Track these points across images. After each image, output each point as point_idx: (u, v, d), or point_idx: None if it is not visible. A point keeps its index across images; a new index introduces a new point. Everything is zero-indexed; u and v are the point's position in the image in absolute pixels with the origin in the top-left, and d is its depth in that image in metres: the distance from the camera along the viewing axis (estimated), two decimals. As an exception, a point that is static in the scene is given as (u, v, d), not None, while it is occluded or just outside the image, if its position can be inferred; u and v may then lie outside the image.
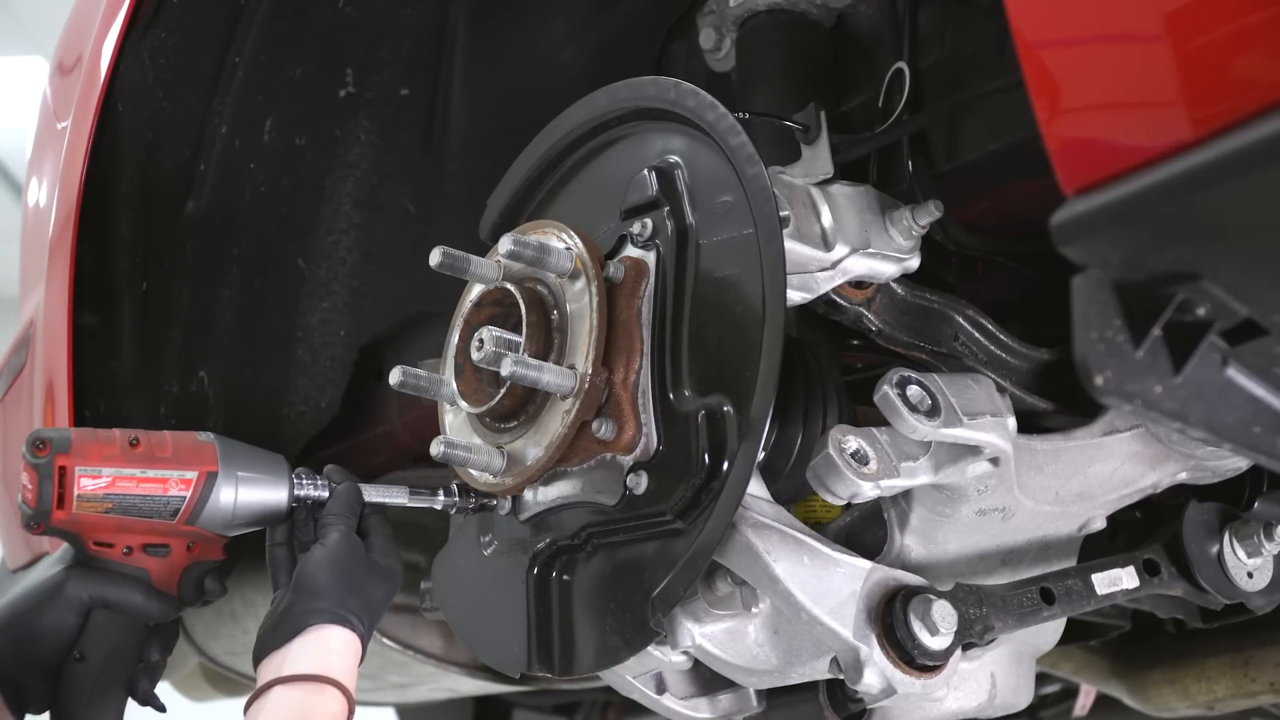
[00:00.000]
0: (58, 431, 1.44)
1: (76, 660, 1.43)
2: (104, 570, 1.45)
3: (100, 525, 1.43)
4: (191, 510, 1.44)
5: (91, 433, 1.45)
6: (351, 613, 1.41)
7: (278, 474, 1.49)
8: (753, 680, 1.45)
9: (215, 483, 1.45)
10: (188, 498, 1.44)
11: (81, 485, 1.41)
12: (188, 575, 1.48)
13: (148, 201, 2.13)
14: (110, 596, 1.44)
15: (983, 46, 1.64)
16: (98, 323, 2.09)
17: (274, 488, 1.48)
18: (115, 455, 1.43)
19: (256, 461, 1.49)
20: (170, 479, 1.43)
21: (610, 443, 1.42)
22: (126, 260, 2.13)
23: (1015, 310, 1.67)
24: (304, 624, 1.38)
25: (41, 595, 1.44)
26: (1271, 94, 0.87)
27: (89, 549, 1.45)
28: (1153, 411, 1.02)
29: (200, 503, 1.44)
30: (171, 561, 1.47)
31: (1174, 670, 2.17)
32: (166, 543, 1.46)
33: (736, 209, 1.40)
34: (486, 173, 1.74)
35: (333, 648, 1.38)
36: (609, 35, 2.15)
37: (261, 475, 1.48)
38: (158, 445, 1.45)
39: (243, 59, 2.08)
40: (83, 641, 1.44)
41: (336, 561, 1.44)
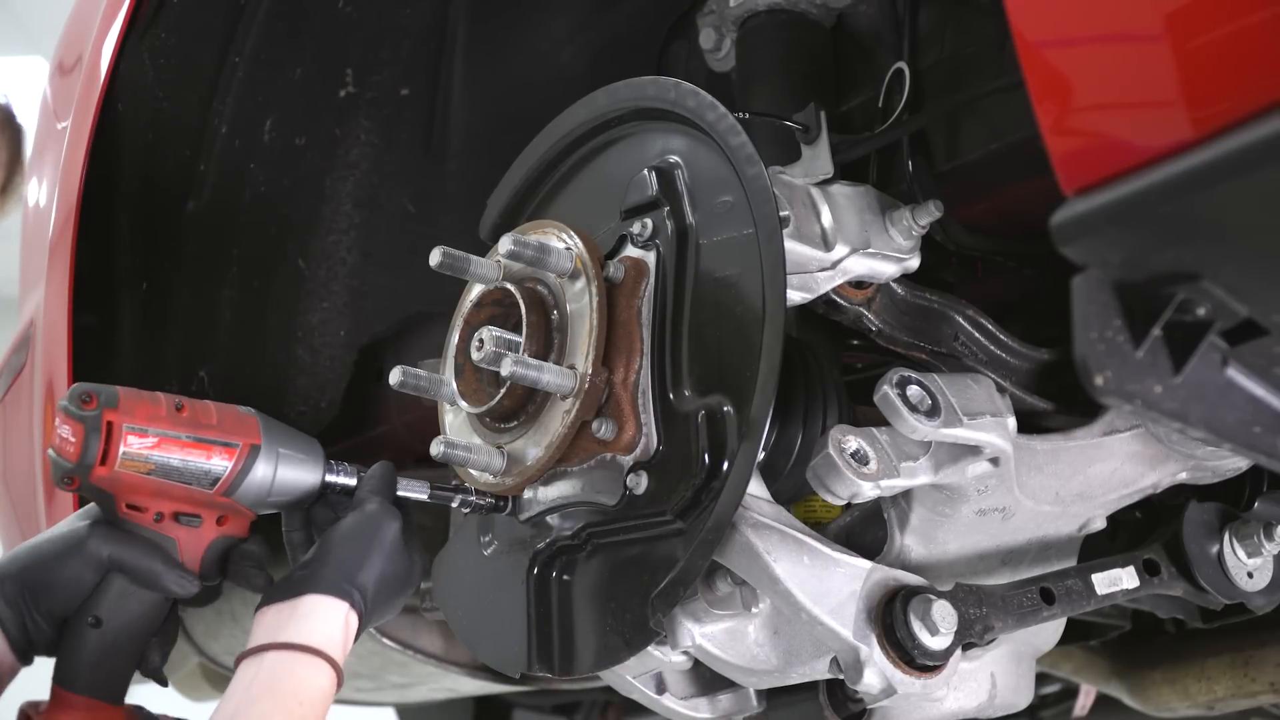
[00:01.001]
0: (103, 386, 1.40)
1: (92, 625, 1.40)
2: (129, 533, 1.42)
3: (138, 487, 1.40)
4: (231, 481, 1.41)
5: (138, 392, 1.41)
6: (356, 588, 1.38)
7: (314, 455, 1.47)
8: (753, 680, 1.45)
9: (257, 456, 1.42)
10: (230, 467, 1.41)
11: (128, 442, 1.37)
12: (212, 549, 1.45)
13: (148, 201, 2.13)
14: (129, 560, 1.41)
15: (983, 46, 1.64)
16: (98, 323, 2.09)
17: (310, 468, 1.46)
18: (162, 416, 1.40)
19: (295, 441, 1.47)
20: (215, 446, 1.41)
21: (610, 443, 1.42)
22: (126, 260, 2.13)
23: (1015, 310, 1.67)
24: (305, 589, 1.37)
25: (62, 547, 1.41)
26: (1271, 94, 0.87)
27: (120, 510, 1.41)
28: (1153, 411, 1.02)
29: (241, 475, 1.41)
30: (200, 533, 1.44)
31: (1174, 670, 2.17)
32: (199, 513, 1.43)
33: (736, 209, 1.40)
34: (486, 173, 1.74)
35: (329, 618, 1.36)
36: (609, 35, 2.15)
37: (300, 455, 1.46)
38: (203, 412, 1.42)
39: (243, 59, 2.08)
40: (101, 606, 1.41)
41: (358, 536, 1.42)
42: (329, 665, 1.33)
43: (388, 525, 1.44)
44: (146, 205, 2.13)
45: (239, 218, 2.19)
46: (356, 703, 3.03)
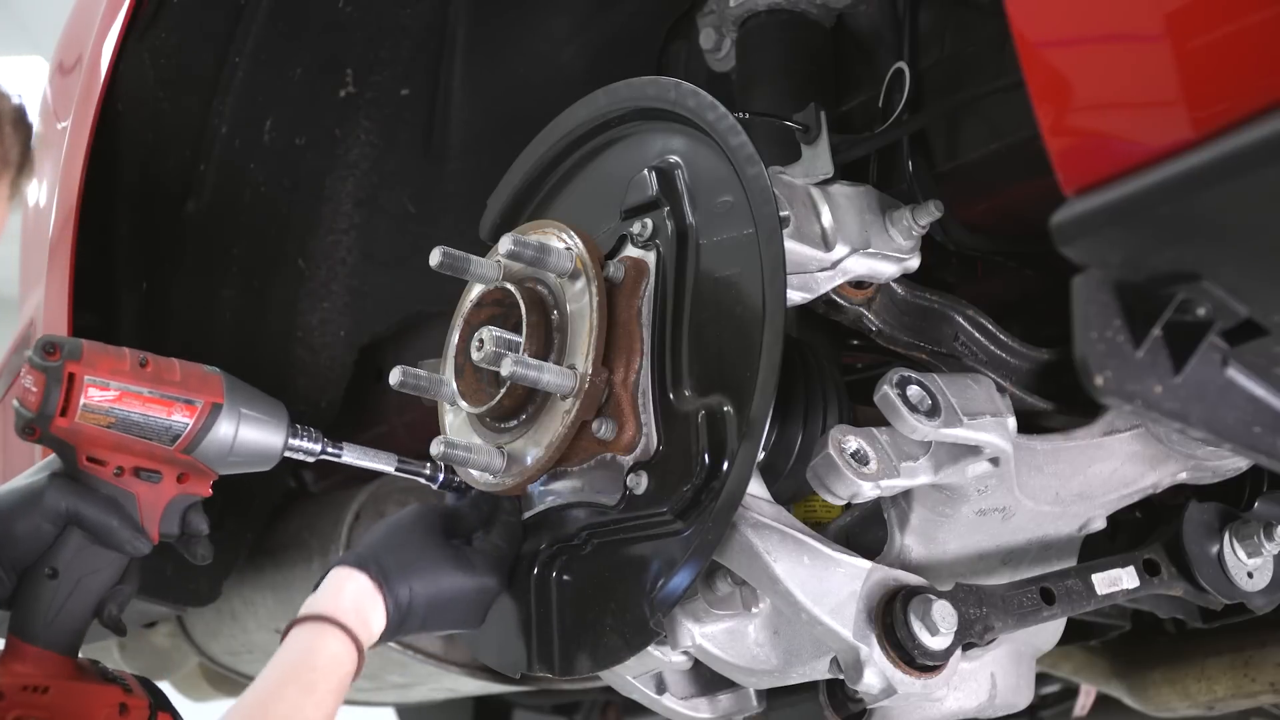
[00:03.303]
0: (68, 339, 1.42)
1: (49, 576, 1.41)
2: (89, 487, 1.43)
3: (98, 439, 1.41)
4: (192, 438, 1.43)
5: (103, 346, 1.43)
6: (379, 565, 1.39)
7: (278, 418, 1.48)
8: (753, 680, 1.45)
9: (219, 415, 1.44)
10: (190, 425, 1.43)
11: (89, 395, 1.39)
12: (172, 507, 1.46)
13: (148, 201, 2.13)
14: (87, 514, 1.42)
15: (983, 46, 1.64)
16: (98, 323, 2.09)
17: (273, 430, 1.47)
18: (125, 370, 1.41)
19: (260, 402, 1.48)
20: (176, 403, 1.42)
21: (610, 443, 1.42)
22: (126, 260, 2.13)
23: (1015, 310, 1.68)
24: (332, 567, 1.39)
25: (20, 499, 1.43)
26: (1271, 94, 0.87)
27: (80, 463, 1.43)
28: (1153, 411, 1.02)
29: (202, 432, 1.43)
30: (160, 490, 1.45)
31: (1174, 670, 2.17)
32: (159, 469, 1.44)
33: (736, 209, 1.40)
34: (486, 173, 1.74)
35: (344, 589, 1.37)
36: (609, 35, 2.15)
37: (263, 416, 1.47)
38: (166, 369, 1.44)
39: (243, 59, 2.08)
40: (58, 558, 1.42)
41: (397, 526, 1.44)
42: (339, 629, 1.34)
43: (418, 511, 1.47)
44: (146, 205, 2.13)
45: (239, 218, 2.19)
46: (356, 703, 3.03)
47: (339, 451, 1.53)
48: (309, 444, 1.50)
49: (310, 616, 1.35)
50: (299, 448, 1.49)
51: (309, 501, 2.47)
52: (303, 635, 1.34)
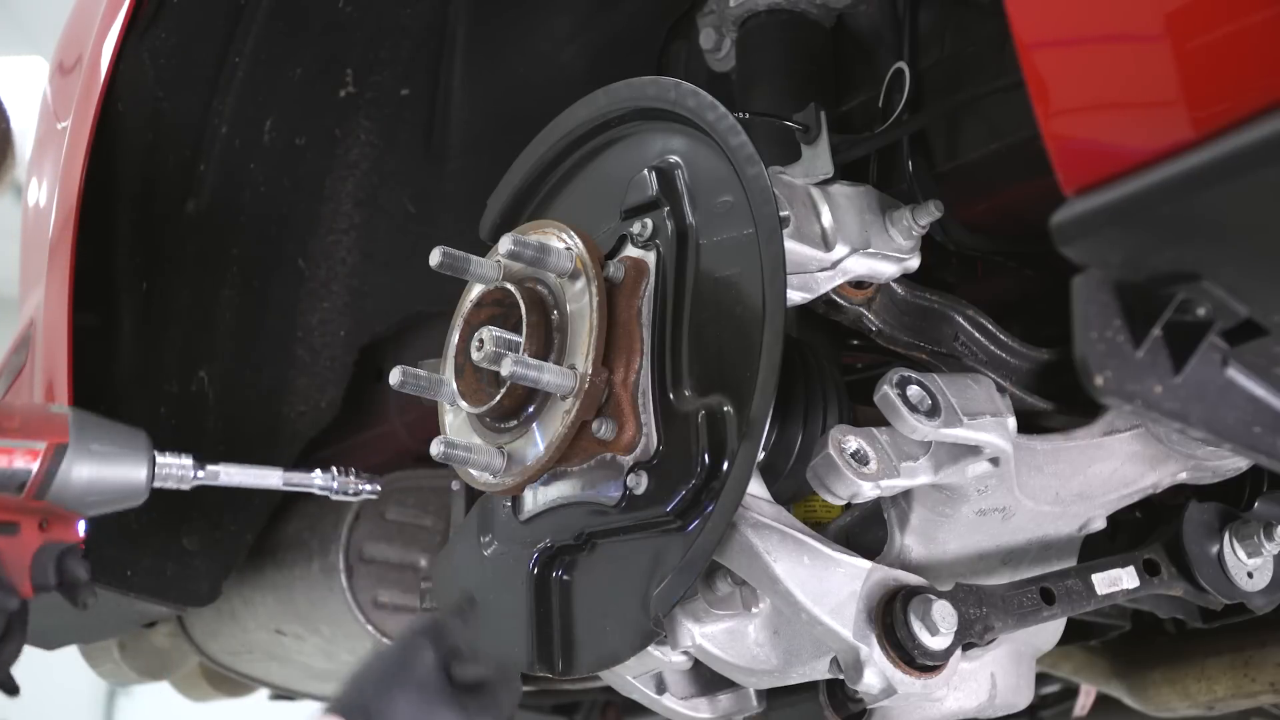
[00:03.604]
0: None
1: None
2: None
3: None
4: (39, 484, 1.37)
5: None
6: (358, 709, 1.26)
7: (134, 449, 1.41)
8: (753, 680, 1.45)
9: (65, 455, 1.37)
10: (35, 470, 1.37)
11: None
12: (41, 556, 1.40)
13: (148, 201, 2.13)
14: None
15: (983, 46, 1.64)
16: (98, 323, 2.09)
17: (131, 463, 1.41)
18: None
19: (113, 435, 1.41)
20: (16, 450, 1.36)
21: (610, 443, 1.42)
22: (126, 260, 2.13)
23: (1015, 310, 1.68)
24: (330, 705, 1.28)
25: None
26: (1271, 94, 0.87)
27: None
28: (1153, 411, 1.02)
29: (49, 476, 1.37)
30: (22, 541, 1.39)
31: (1174, 670, 2.17)
32: (14, 520, 1.39)
33: (736, 209, 1.40)
34: (486, 173, 1.74)
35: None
36: (609, 35, 2.15)
37: (117, 450, 1.40)
38: (4, 415, 1.38)
39: (243, 59, 2.08)
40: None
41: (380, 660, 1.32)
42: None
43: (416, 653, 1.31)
44: (146, 205, 2.13)
45: (239, 218, 2.19)
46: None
47: (215, 472, 1.46)
48: (178, 471, 1.43)
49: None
50: (168, 476, 1.42)
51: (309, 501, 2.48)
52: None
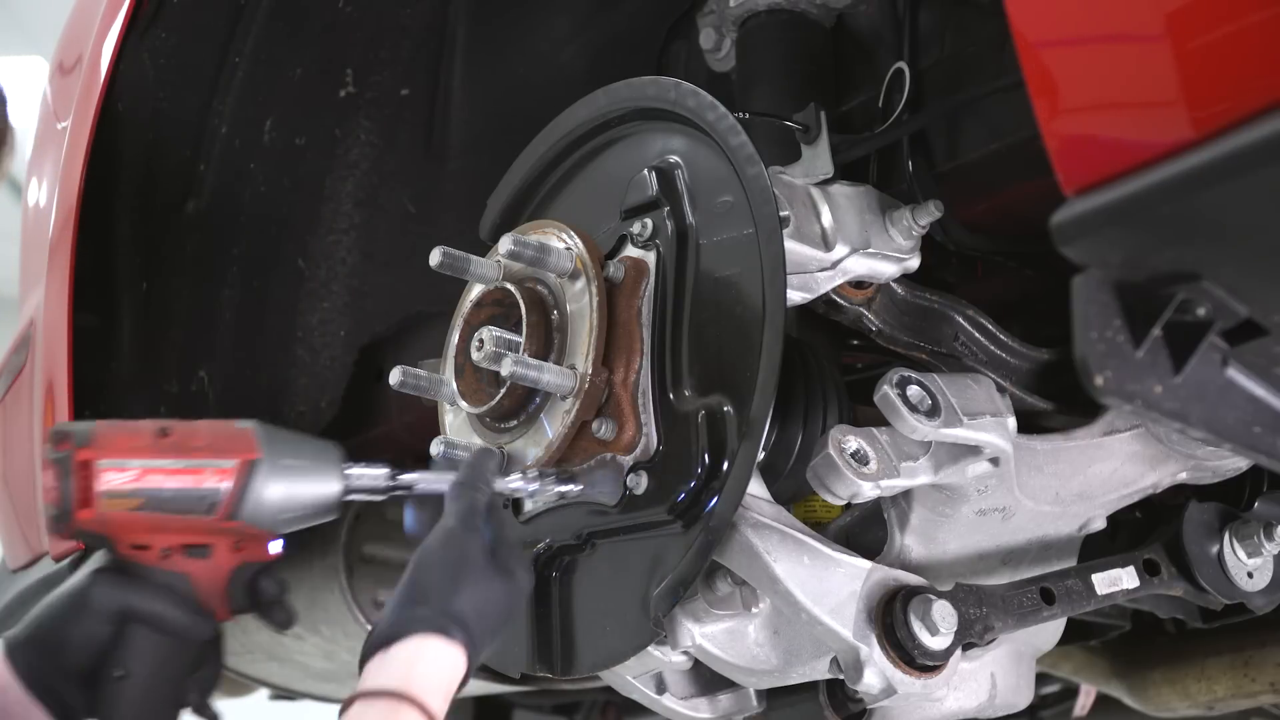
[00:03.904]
0: (80, 424, 1.31)
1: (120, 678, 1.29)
2: (137, 576, 1.31)
3: (132, 525, 1.29)
4: (233, 504, 1.30)
5: (117, 424, 1.31)
6: (455, 621, 1.26)
7: (326, 462, 1.34)
8: (753, 680, 1.45)
9: (257, 472, 1.30)
10: (227, 490, 1.29)
11: (106, 480, 1.27)
12: (237, 577, 1.34)
13: (148, 201, 2.13)
14: (138, 606, 1.30)
15: (983, 46, 1.64)
16: (98, 323, 2.09)
17: (325, 477, 1.33)
18: (143, 446, 1.29)
19: (303, 448, 1.34)
20: (206, 469, 1.29)
21: (610, 443, 1.42)
22: (126, 260, 2.13)
23: (1015, 310, 1.68)
24: (403, 631, 1.25)
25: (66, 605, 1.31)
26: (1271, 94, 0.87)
27: (122, 552, 1.31)
28: (1153, 411, 1.02)
29: (242, 494, 1.30)
30: (216, 564, 1.32)
31: (1174, 670, 2.17)
32: (208, 542, 1.32)
33: (736, 209, 1.40)
34: (486, 173, 1.74)
35: (424, 658, 1.24)
36: (609, 35, 2.15)
37: (309, 463, 1.33)
38: (189, 434, 1.31)
39: (243, 59, 2.08)
40: (124, 656, 1.30)
41: (447, 558, 1.30)
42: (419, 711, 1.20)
43: (472, 541, 1.31)
44: (146, 205, 2.13)
45: (239, 218, 2.19)
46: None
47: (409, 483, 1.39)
48: (371, 482, 1.36)
49: (388, 693, 1.21)
50: (360, 488, 1.35)
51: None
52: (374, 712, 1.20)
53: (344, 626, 2.43)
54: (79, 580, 1.33)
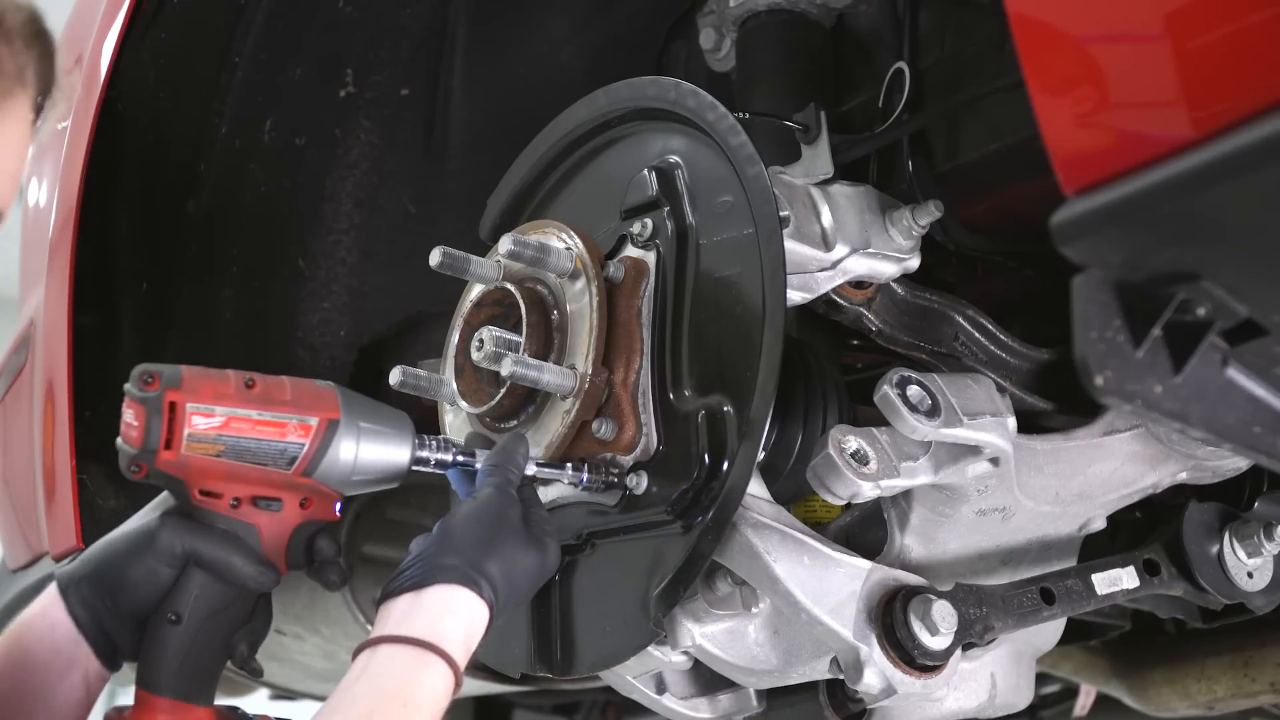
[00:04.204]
0: (167, 366, 1.29)
1: (172, 622, 1.30)
2: (205, 523, 1.31)
3: (209, 470, 1.29)
4: (310, 460, 1.30)
5: (204, 370, 1.31)
6: (485, 576, 1.27)
7: (401, 430, 1.35)
8: (753, 680, 1.45)
9: (337, 432, 1.30)
10: (306, 445, 1.29)
11: (193, 424, 1.27)
12: (298, 534, 1.34)
13: (148, 201, 2.13)
14: (205, 552, 1.29)
15: (983, 46, 1.64)
16: (98, 323, 2.09)
17: (397, 444, 1.34)
18: (230, 394, 1.29)
19: (379, 415, 1.34)
20: (289, 424, 1.29)
21: (610, 443, 1.42)
22: (126, 260, 2.13)
23: (1015, 310, 1.68)
24: (431, 579, 1.27)
25: (132, 543, 1.31)
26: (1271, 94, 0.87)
27: (193, 498, 1.31)
28: (1153, 411, 1.02)
29: (320, 452, 1.30)
30: (283, 518, 1.32)
31: (1174, 670, 2.17)
32: (279, 496, 1.32)
33: (737, 209, 1.40)
34: (486, 173, 1.74)
35: (452, 610, 1.26)
36: (609, 35, 2.15)
37: (385, 429, 1.34)
38: (275, 387, 1.31)
39: (243, 59, 2.07)
40: (179, 601, 1.30)
41: (483, 518, 1.31)
42: (444, 662, 1.22)
43: (509, 508, 1.34)
44: (146, 205, 2.13)
45: (239, 218, 2.19)
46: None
47: (471, 459, 1.39)
48: (437, 453, 1.36)
49: (410, 640, 1.22)
50: (427, 459, 1.36)
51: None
52: (400, 661, 1.22)
53: (344, 626, 2.43)
54: (146, 521, 1.32)
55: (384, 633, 1.24)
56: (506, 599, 1.30)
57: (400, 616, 1.25)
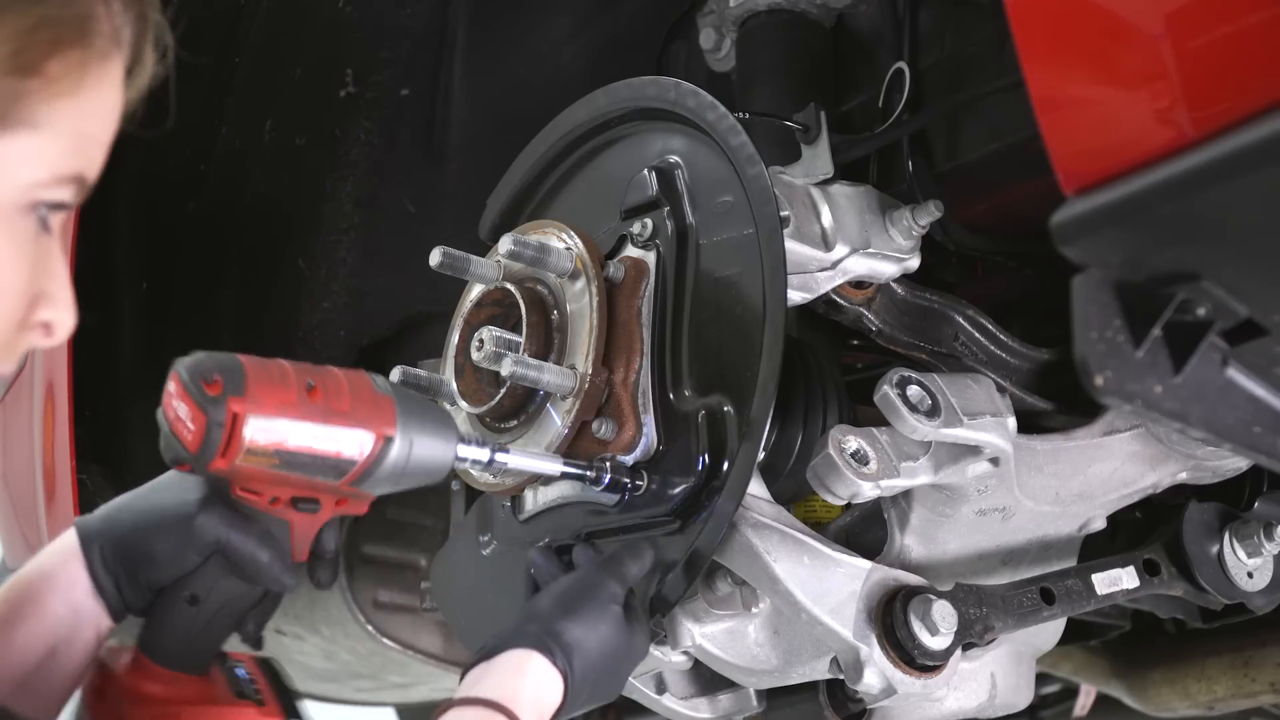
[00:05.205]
0: (228, 361, 1.24)
1: (188, 601, 1.29)
2: (241, 516, 1.28)
3: (258, 478, 1.26)
4: (361, 474, 1.27)
5: (265, 369, 1.25)
6: (558, 643, 1.26)
7: (449, 434, 1.32)
8: (753, 680, 1.45)
9: (391, 446, 1.27)
10: (359, 462, 1.26)
11: (253, 439, 1.22)
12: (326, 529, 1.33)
13: (148, 201, 2.13)
14: (238, 546, 1.27)
15: (983, 46, 1.64)
16: (98, 323, 2.09)
17: (443, 449, 1.31)
18: (292, 403, 1.24)
19: (430, 420, 1.31)
20: (345, 440, 1.26)
21: (610, 443, 1.42)
22: (126, 260, 2.13)
23: (1015, 310, 1.68)
24: (504, 645, 1.26)
25: (168, 521, 1.29)
26: (1271, 94, 0.87)
27: (233, 491, 1.28)
28: (1153, 411, 1.02)
29: (372, 467, 1.27)
30: (316, 518, 1.31)
31: (1174, 670, 2.17)
32: (318, 499, 1.30)
33: (737, 209, 1.40)
34: (486, 173, 1.74)
35: (522, 672, 1.24)
36: (609, 35, 2.15)
37: (434, 437, 1.30)
38: (335, 394, 1.27)
39: (243, 59, 2.07)
40: (199, 584, 1.29)
41: (570, 591, 1.31)
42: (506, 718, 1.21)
43: (607, 588, 1.31)
44: (146, 205, 2.13)
45: (239, 218, 2.19)
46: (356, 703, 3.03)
47: (505, 458, 1.37)
48: (476, 454, 1.34)
49: (481, 701, 1.21)
50: (466, 460, 1.34)
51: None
52: None
53: (344, 627, 2.43)
54: (184, 503, 1.30)
55: (455, 697, 1.23)
56: (583, 673, 1.27)
57: (473, 681, 1.25)
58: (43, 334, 1.03)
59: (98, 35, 0.99)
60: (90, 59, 0.99)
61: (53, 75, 0.96)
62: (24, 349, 1.04)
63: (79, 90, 0.98)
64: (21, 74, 0.94)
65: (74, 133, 1.00)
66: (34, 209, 0.99)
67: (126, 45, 1.04)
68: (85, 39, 0.98)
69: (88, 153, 1.03)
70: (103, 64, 1.01)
